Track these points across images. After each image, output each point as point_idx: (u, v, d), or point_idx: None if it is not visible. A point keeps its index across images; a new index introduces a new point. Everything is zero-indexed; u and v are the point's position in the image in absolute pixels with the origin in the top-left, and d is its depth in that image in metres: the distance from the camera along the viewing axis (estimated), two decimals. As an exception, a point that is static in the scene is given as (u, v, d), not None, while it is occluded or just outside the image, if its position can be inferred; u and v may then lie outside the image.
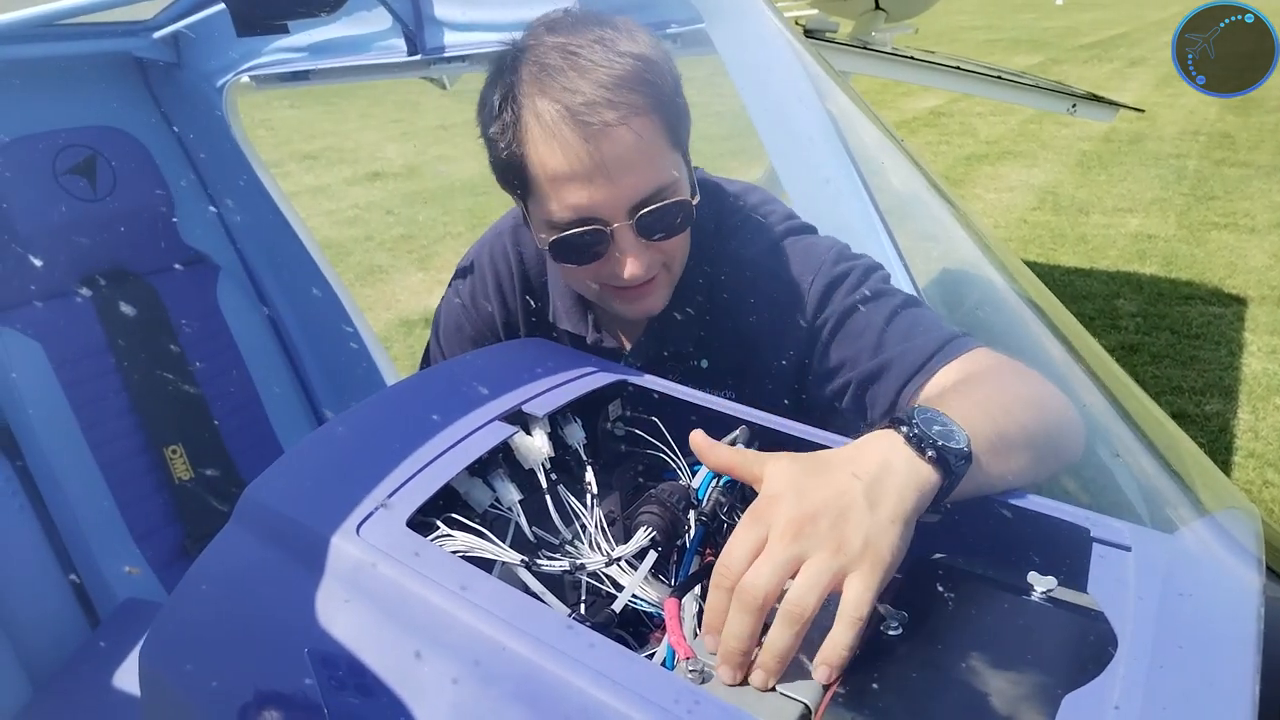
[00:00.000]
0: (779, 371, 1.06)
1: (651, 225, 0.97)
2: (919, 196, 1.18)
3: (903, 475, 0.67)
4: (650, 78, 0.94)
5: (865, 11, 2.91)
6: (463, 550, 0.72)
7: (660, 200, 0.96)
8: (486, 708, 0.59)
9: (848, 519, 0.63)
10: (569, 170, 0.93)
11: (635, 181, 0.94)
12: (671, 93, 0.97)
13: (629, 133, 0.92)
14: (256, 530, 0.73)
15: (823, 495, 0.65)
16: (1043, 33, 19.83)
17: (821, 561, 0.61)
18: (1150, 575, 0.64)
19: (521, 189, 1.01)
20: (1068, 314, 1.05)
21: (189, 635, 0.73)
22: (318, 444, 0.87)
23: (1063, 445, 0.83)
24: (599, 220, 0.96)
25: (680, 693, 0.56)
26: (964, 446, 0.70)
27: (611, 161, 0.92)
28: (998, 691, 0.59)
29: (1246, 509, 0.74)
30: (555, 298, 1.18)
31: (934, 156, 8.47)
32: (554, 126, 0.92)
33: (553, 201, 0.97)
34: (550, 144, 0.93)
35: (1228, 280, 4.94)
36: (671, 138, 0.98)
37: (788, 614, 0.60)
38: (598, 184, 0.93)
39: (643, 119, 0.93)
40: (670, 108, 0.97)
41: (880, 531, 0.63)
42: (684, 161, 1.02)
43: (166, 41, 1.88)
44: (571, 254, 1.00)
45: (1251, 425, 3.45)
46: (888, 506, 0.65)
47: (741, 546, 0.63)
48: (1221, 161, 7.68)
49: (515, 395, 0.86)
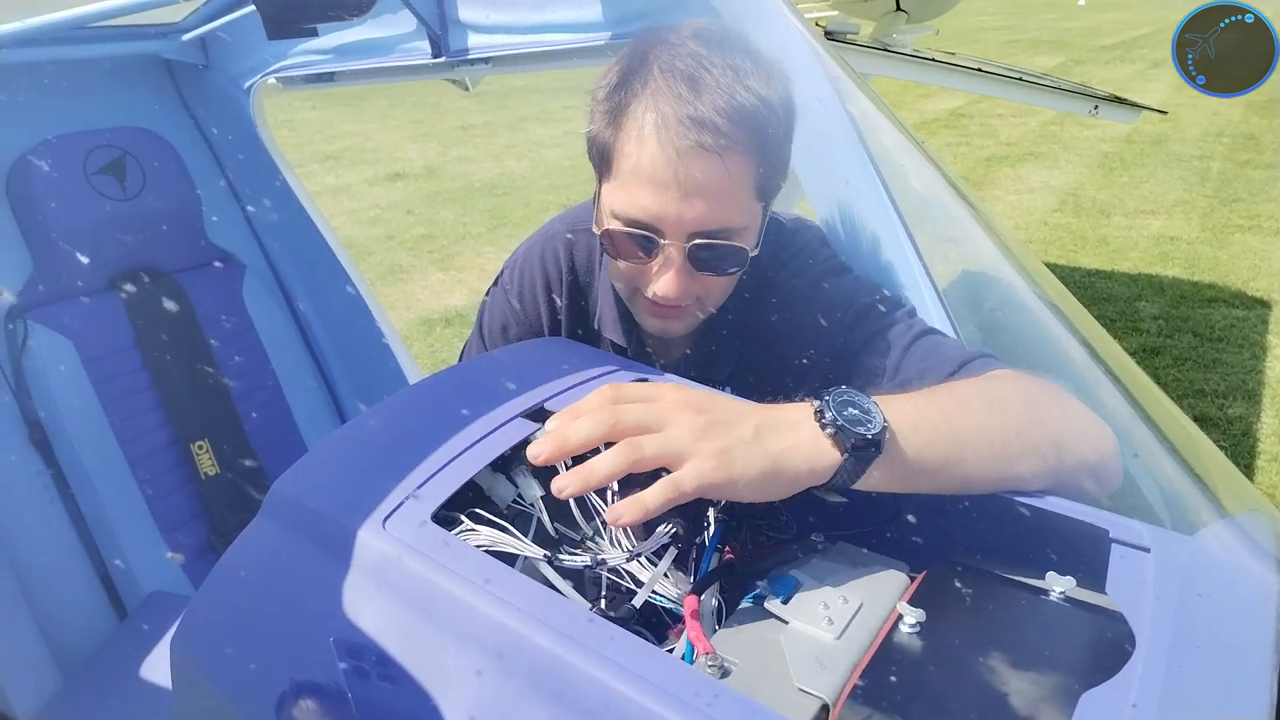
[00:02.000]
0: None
1: (702, 257, 0.97)
2: (939, 198, 1.18)
3: (798, 438, 0.71)
4: (764, 123, 0.93)
5: (886, 13, 2.90)
6: (486, 545, 0.73)
7: (720, 238, 0.96)
8: (510, 699, 0.60)
9: (722, 430, 0.69)
10: (650, 173, 0.93)
11: (705, 210, 0.93)
12: (777, 145, 0.96)
13: (720, 164, 0.91)
14: (285, 523, 0.75)
15: (718, 411, 0.71)
16: (1064, 33, 19.66)
17: (680, 434, 0.68)
18: (1169, 576, 0.64)
19: (603, 169, 1.01)
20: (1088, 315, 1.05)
21: (219, 625, 0.74)
22: (344, 440, 0.88)
23: (1072, 463, 0.80)
24: (657, 230, 0.96)
25: (700, 686, 0.57)
26: (874, 434, 0.71)
27: (691, 182, 0.92)
28: (1015, 689, 0.60)
29: (1266, 511, 0.74)
30: (603, 305, 1.18)
31: (954, 158, 8.42)
32: (655, 127, 0.92)
33: (625, 192, 0.96)
34: (644, 141, 0.93)
35: (1251, 283, 4.89)
36: (758, 186, 0.97)
37: (625, 445, 0.68)
38: (670, 197, 0.93)
39: (738, 156, 0.92)
40: (770, 158, 0.96)
41: (748, 456, 0.68)
42: (761, 214, 1.01)
43: (195, 44, 1.91)
44: (619, 249, 1.00)
45: (1275, 429, 3.41)
46: (765, 447, 0.69)
47: (639, 393, 0.72)
48: (1246, 163, 7.59)
49: (538, 392, 0.88)
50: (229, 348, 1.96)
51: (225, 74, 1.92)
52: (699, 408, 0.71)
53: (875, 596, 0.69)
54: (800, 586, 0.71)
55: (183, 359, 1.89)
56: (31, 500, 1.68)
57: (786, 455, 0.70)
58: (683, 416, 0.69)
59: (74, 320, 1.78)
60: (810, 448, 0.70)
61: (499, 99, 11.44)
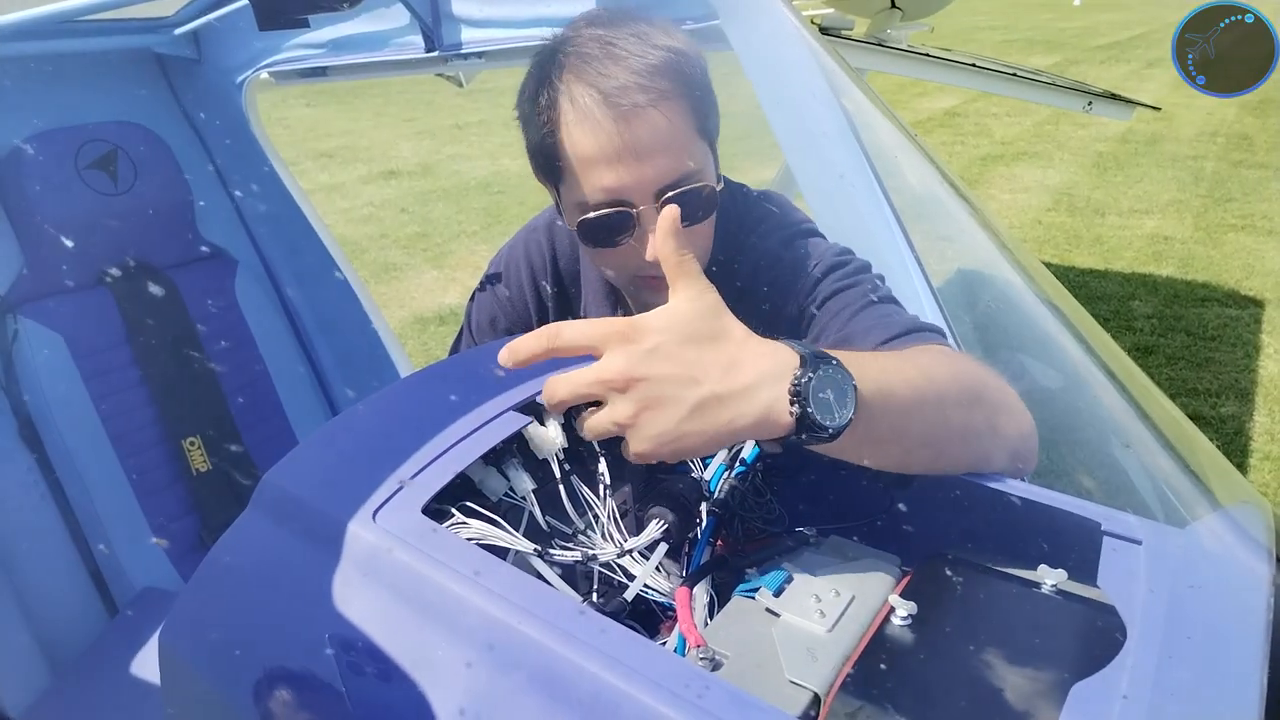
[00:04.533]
0: None
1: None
2: (934, 193, 1.18)
3: (751, 407, 0.67)
4: (682, 68, 0.98)
5: (881, 10, 2.90)
6: (477, 537, 0.73)
7: (686, 184, 0.98)
8: (500, 691, 0.60)
9: (670, 405, 0.66)
10: (599, 152, 0.97)
11: (662, 164, 0.97)
12: (702, 85, 1.01)
13: (658, 116, 0.95)
14: (275, 515, 0.74)
15: (678, 369, 0.67)
16: (1059, 33, 19.70)
17: (624, 411, 0.67)
18: (1161, 568, 0.64)
19: (555, 175, 1.05)
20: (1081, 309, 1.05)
21: (208, 617, 0.74)
22: (335, 431, 0.88)
23: (1000, 443, 0.79)
24: (626, 202, 0.99)
25: (691, 678, 0.57)
26: (835, 428, 0.67)
27: (639, 143, 0.96)
28: (1006, 682, 0.60)
29: (1258, 502, 0.74)
30: (587, 291, 1.21)
31: (949, 157, 8.43)
32: (587, 109, 0.96)
33: (583, 184, 1.00)
34: (582, 126, 0.97)
35: (1244, 282, 4.90)
36: (699, 127, 1.00)
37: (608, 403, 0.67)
38: (626, 165, 0.96)
39: (672, 104, 0.96)
40: (700, 99, 1.00)
41: (686, 433, 0.67)
42: (710, 153, 1.04)
43: (187, 38, 1.90)
44: (599, 236, 1.02)
45: (1268, 428, 3.42)
46: (711, 420, 0.67)
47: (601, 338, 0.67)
48: (1239, 163, 7.62)
49: (530, 386, 0.87)
50: (221, 343, 1.96)
51: (217, 68, 1.91)
52: (655, 369, 0.67)
53: (867, 589, 0.69)
54: (792, 579, 0.71)
55: (174, 354, 1.88)
56: (22, 496, 1.67)
57: (731, 424, 0.67)
58: (636, 388, 0.67)
59: (64, 315, 1.77)
60: (762, 416, 0.67)
61: (493, 97, 11.44)
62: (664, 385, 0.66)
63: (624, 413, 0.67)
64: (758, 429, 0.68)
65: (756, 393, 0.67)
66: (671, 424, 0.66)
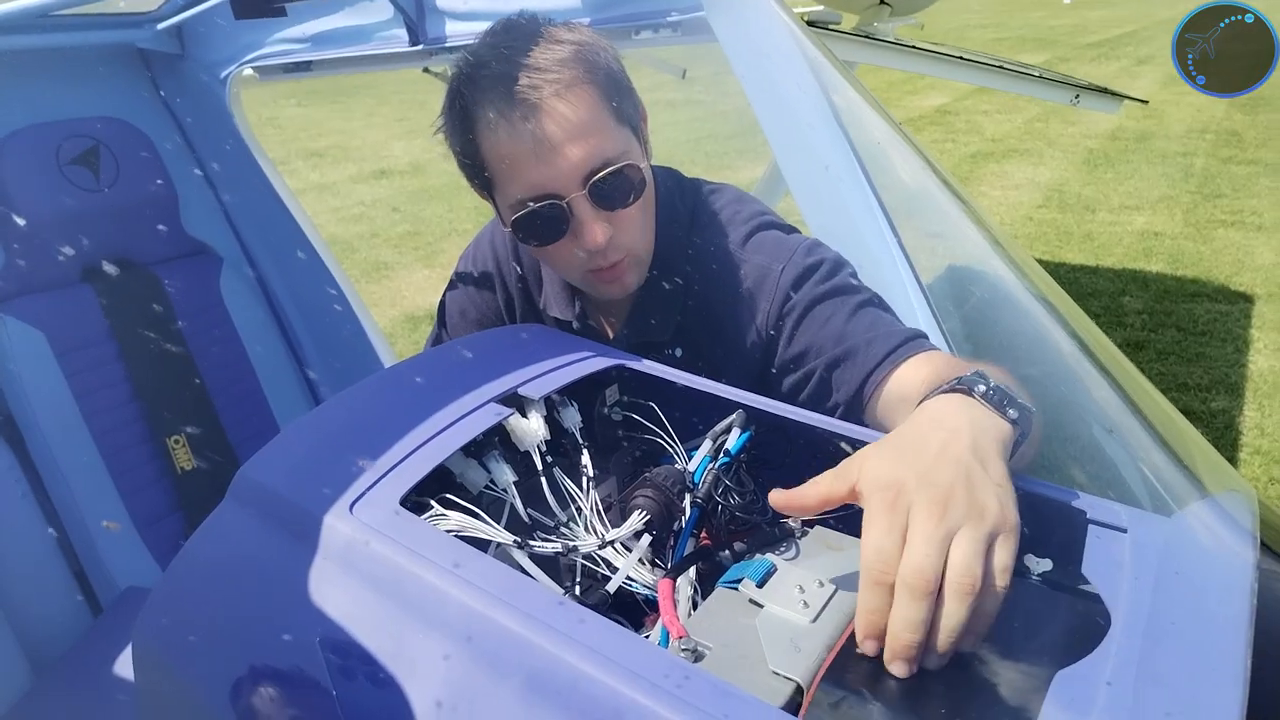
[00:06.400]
0: (748, 359, 1.08)
1: (605, 193, 1.00)
2: (920, 182, 1.17)
3: (992, 433, 0.67)
4: (586, 56, 0.99)
5: (870, 5, 2.90)
6: (456, 529, 0.72)
7: (611, 167, 0.99)
8: (478, 682, 0.59)
9: (976, 484, 0.61)
10: (517, 149, 0.98)
11: (582, 150, 0.98)
12: (612, 71, 1.02)
13: (569, 105, 0.97)
14: (251, 509, 0.73)
15: (942, 468, 0.62)
16: (1050, 31, 19.76)
17: (974, 530, 0.59)
18: (1145, 556, 0.64)
19: (484, 184, 1.07)
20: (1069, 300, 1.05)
21: (183, 613, 0.73)
22: (313, 424, 0.87)
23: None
24: (554, 194, 1.00)
25: (670, 668, 0.56)
26: (1030, 405, 0.70)
27: (555, 133, 0.97)
28: (990, 670, 0.59)
29: (1244, 490, 0.74)
30: (546, 284, 1.22)
31: (940, 154, 8.44)
32: (498, 111, 0.98)
33: (510, 185, 1.01)
34: (497, 128, 0.98)
35: (1234, 278, 4.91)
36: (616, 112, 1.01)
37: (959, 588, 0.57)
38: (546, 157, 0.98)
39: (580, 91, 0.98)
40: (611, 84, 1.01)
41: (1003, 491, 0.62)
42: (634, 138, 1.05)
43: (170, 32, 1.88)
44: (534, 232, 1.03)
45: (1258, 422, 3.43)
46: (995, 465, 0.64)
47: (888, 538, 0.60)
48: (1229, 159, 7.64)
49: (512, 378, 0.87)
50: (205, 340, 1.94)
51: (201, 63, 1.90)
52: (933, 488, 0.61)
53: (851, 580, 0.68)
54: (775, 570, 0.70)
55: (158, 352, 1.86)
56: (3, 495, 1.65)
57: (1002, 460, 0.65)
58: (947, 512, 0.60)
59: (46, 312, 1.75)
60: (999, 436, 0.67)
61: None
62: (955, 478, 0.62)
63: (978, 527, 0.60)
64: (1004, 443, 0.67)
65: (979, 423, 0.67)
66: (990, 485, 0.62)
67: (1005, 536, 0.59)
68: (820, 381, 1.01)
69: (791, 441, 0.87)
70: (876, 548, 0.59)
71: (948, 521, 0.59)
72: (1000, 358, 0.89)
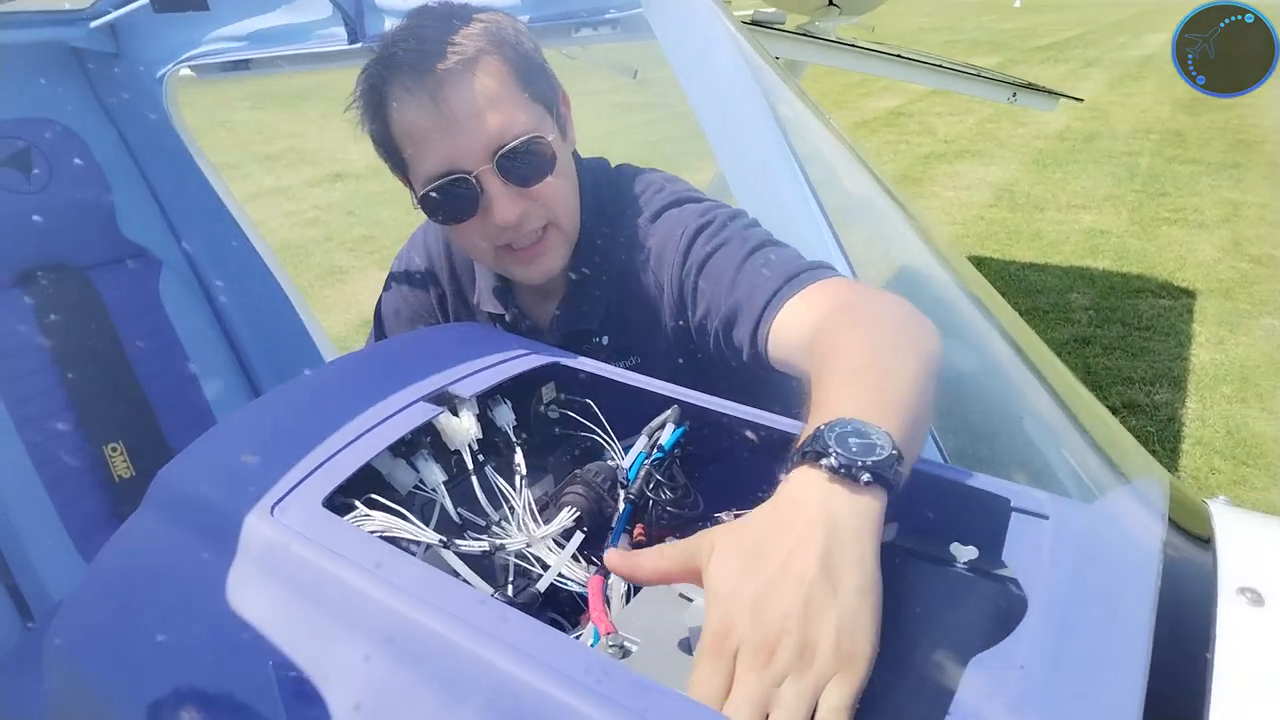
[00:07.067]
0: (673, 335, 1.08)
1: (515, 168, 0.99)
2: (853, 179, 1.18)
3: (850, 522, 0.59)
4: (492, 32, 0.99)
5: (819, 7, 2.93)
6: (381, 530, 0.71)
7: (519, 139, 0.98)
8: (398, 684, 0.58)
9: (815, 620, 0.55)
10: (424, 128, 0.97)
11: (488, 124, 0.97)
12: (521, 47, 1.01)
13: (474, 77, 0.96)
14: (168, 513, 0.72)
15: (779, 599, 0.56)
16: (1001, 34, 20.13)
17: (800, 681, 0.54)
18: (1064, 541, 0.65)
19: (397, 164, 1.05)
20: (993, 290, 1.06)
21: (95, 623, 0.71)
22: (237, 425, 0.85)
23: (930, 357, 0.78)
24: (461, 169, 0.98)
25: (592, 665, 0.56)
26: (891, 450, 0.62)
27: (458, 107, 0.96)
28: (913, 657, 0.60)
29: (1159, 474, 0.75)
30: (479, 279, 1.20)
31: (894, 155, 8.55)
32: (403, 88, 0.97)
33: (419, 162, 1.00)
34: (404, 105, 0.98)
35: (1177, 274, 5.04)
36: (524, 86, 1.00)
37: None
38: (452, 131, 0.96)
39: (487, 62, 0.97)
40: (521, 60, 1.01)
41: (852, 617, 0.55)
42: (548, 116, 1.04)
43: (104, 31, 1.84)
44: (445, 210, 1.02)
45: (1199, 414, 3.52)
46: (851, 577, 0.56)
47: (710, 684, 0.55)
48: (1172, 159, 7.84)
49: (443, 376, 0.86)
50: (144, 346, 1.89)
51: (136, 62, 1.85)
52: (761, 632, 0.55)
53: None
54: (705, 564, 0.70)
55: (94, 358, 1.81)
56: (-68, 506, 1.60)
57: (863, 560, 0.57)
58: (771, 663, 0.55)
59: (-23, 318, 1.70)
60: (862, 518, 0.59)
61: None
62: (789, 614, 0.55)
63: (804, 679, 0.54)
64: (870, 523, 0.59)
65: (834, 516, 0.59)
66: (833, 615, 0.55)
67: (841, 677, 0.53)
68: (724, 344, 1.00)
69: (723, 435, 0.87)
70: (699, 693, 0.55)
71: (771, 671, 0.54)
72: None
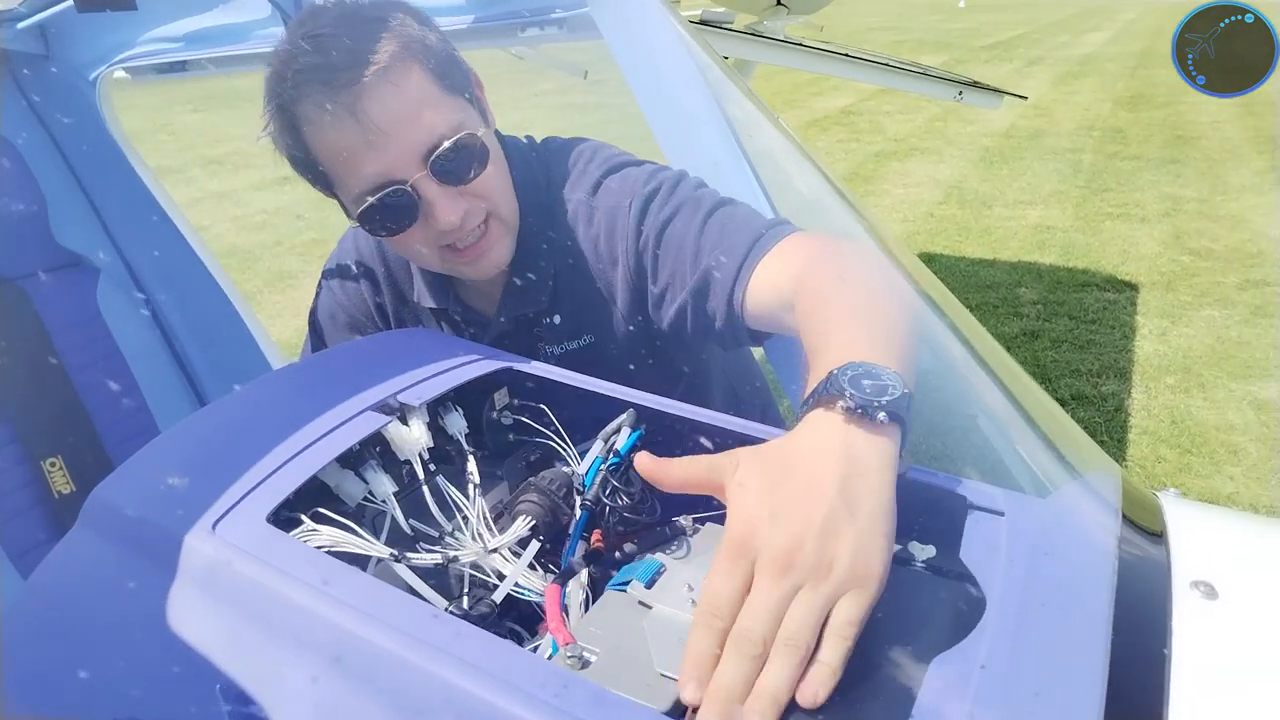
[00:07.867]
0: (629, 308, 1.06)
1: (450, 168, 0.96)
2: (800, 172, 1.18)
3: (868, 456, 0.61)
4: (402, 29, 0.95)
5: (768, 7, 2.94)
6: (329, 545, 0.68)
7: (449, 140, 0.95)
8: (346, 704, 0.56)
9: (833, 536, 0.57)
10: (346, 141, 0.93)
11: (415, 129, 0.94)
12: (431, 43, 0.97)
13: (392, 85, 0.92)
14: (104, 532, 0.69)
15: (800, 514, 0.58)
16: (947, 34, 20.48)
17: (815, 591, 0.56)
18: (1020, 538, 0.65)
19: (323, 183, 1.01)
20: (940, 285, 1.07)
21: (28, 648, 0.67)
22: (177, 439, 0.82)
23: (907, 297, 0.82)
24: (396, 180, 0.95)
25: (549, 678, 0.54)
26: (904, 389, 0.65)
27: (384, 117, 0.92)
28: (874, 660, 0.59)
29: (1109, 468, 0.76)
30: (417, 276, 1.17)
31: (845, 154, 8.65)
32: (318, 105, 0.92)
33: (349, 179, 0.96)
34: (320, 124, 0.93)
35: (1121, 267, 5.16)
36: (444, 83, 0.97)
37: (783, 650, 0.54)
38: (378, 143, 0.93)
39: (402, 67, 0.93)
40: (433, 56, 0.97)
41: (868, 539, 0.58)
42: (469, 106, 1.01)
43: (33, 32, 1.77)
44: (385, 223, 0.98)
45: (1145, 404, 3.61)
46: (868, 504, 0.59)
47: (727, 585, 0.57)
48: (1114, 155, 8.04)
49: (392, 384, 0.83)
50: (83, 356, 1.83)
51: (68, 64, 1.79)
52: (782, 540, 0.58)
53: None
54: (664, 569, 0.69)
55: (30, 371, 1.75)
56: None
57: (880, 491, 0.60)
58: (790, 570, 0.57)
59: (-98, 332, 1.63)
60: (879, 453, 0.62)
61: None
62: (809, 529, 0.57)
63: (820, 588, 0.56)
64: (886, 459, 0.62)
65: (853, 450, 0.62)
66: (850, 536, 0.57)
67: (855, 593, 0.56)
68: (696, 316, 0.99)
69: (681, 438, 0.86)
70: (713, 592, 0.57)
71: (789, 579, 0.56)
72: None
